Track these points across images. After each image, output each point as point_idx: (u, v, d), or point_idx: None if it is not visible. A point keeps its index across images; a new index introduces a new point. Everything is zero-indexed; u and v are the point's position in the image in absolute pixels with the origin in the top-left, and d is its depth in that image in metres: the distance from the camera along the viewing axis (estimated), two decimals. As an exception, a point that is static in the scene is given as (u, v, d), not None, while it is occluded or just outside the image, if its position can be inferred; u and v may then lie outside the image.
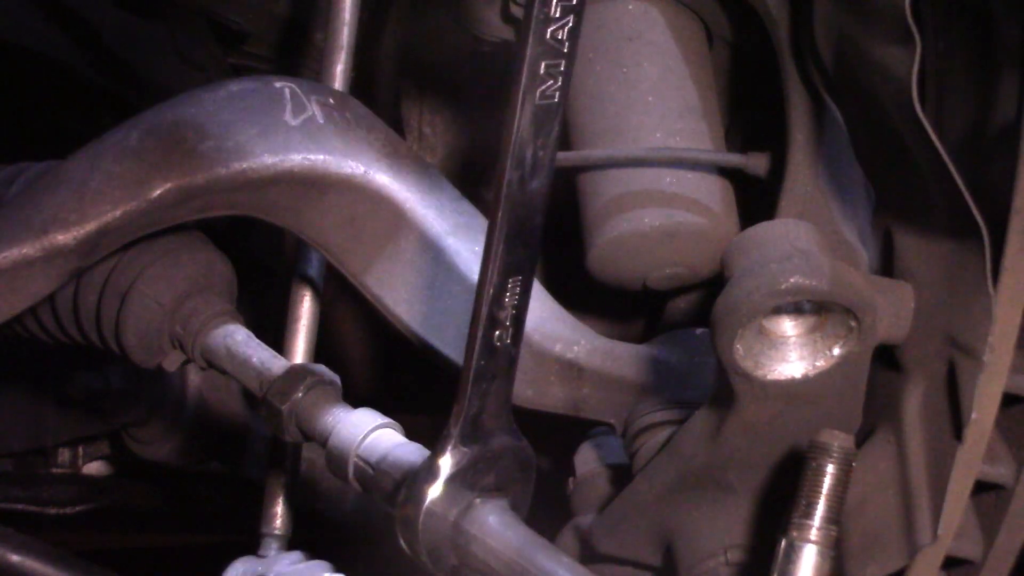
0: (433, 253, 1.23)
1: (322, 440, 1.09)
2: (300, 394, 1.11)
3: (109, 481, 1.87)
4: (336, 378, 1.14)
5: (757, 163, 1.28)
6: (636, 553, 1.17)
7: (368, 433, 1.06)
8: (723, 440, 1.07)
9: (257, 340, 1.19)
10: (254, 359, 1.16)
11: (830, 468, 0.96)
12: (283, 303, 1.37)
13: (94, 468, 1.87)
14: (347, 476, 1.06)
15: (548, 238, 1.53)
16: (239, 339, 1.18)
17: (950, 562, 1.09)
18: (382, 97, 1.66)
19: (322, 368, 1.14)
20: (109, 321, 1.19)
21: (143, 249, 1.20)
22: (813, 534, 0.96)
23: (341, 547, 1.36)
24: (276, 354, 1.17)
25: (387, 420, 1.08)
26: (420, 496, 0.96)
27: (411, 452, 1.04)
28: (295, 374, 1.12)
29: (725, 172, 1.30)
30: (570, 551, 1.25)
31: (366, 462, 1.05)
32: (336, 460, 1.07)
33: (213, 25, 1.79)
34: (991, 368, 0.99)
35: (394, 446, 1.05)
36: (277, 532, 1.32)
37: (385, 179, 1.20)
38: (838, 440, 0.96)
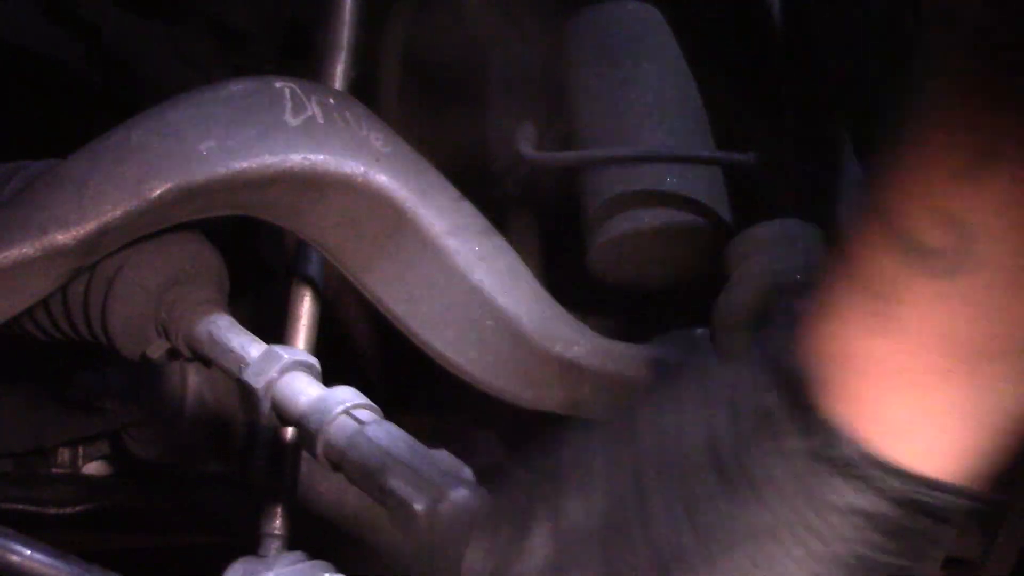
0: (433, 253, 1.23)
1: (294, 420, 1.08)
2: (275, 374, 1.10)
3: (109, 481, 1.87)
4: (315, 361, 1.13)
5: (757, 163, 1.28)
6: (636, 553, 1.17)
7: (338, 414, 1.06)
8: (723, 440, 1.06)
9: (240, 327, 1.19)
10: (233, 343, 1.16)
11: None
12: (283, 303, 1.37)
13: (94, 468, 1.86)
14: (317, 455, 1.06)
15: (548, 238, 1.54)
16: (221, 325, 1.18)
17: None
18: (382, 97, 1.66)
19: (299, 351, 1.14)
20: (96, 307, 1.19)
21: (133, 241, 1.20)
22: None
23: (341, 547, 1.36)
24: (256, 338, 1.17)
25: (361, 399, 1.07)
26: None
27: (382, 434, 1.03)
28: (271, 355, 1.12)
29: (725, 172, 1.30)
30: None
31: (335, 443, 1.05)
32: (307, 440, 1.07)
33: (213, 25, 1.79)
34: (991, 368, 0.99)
35: (364, 426, 1.04)
36: (277, 532, 1.32)
37: (385, 179, 1.20)
38: None
